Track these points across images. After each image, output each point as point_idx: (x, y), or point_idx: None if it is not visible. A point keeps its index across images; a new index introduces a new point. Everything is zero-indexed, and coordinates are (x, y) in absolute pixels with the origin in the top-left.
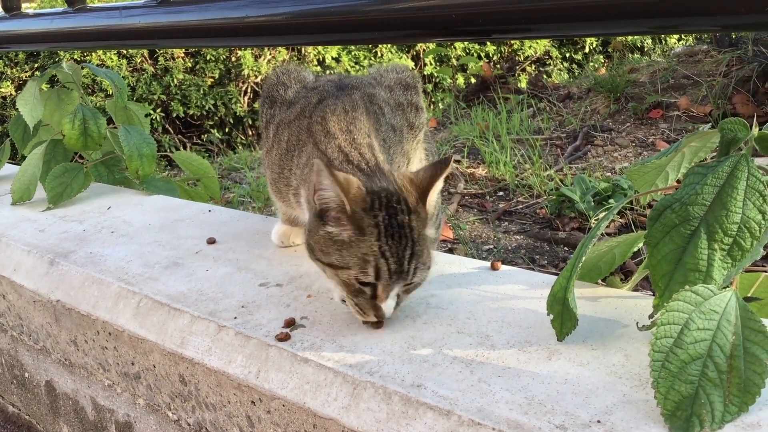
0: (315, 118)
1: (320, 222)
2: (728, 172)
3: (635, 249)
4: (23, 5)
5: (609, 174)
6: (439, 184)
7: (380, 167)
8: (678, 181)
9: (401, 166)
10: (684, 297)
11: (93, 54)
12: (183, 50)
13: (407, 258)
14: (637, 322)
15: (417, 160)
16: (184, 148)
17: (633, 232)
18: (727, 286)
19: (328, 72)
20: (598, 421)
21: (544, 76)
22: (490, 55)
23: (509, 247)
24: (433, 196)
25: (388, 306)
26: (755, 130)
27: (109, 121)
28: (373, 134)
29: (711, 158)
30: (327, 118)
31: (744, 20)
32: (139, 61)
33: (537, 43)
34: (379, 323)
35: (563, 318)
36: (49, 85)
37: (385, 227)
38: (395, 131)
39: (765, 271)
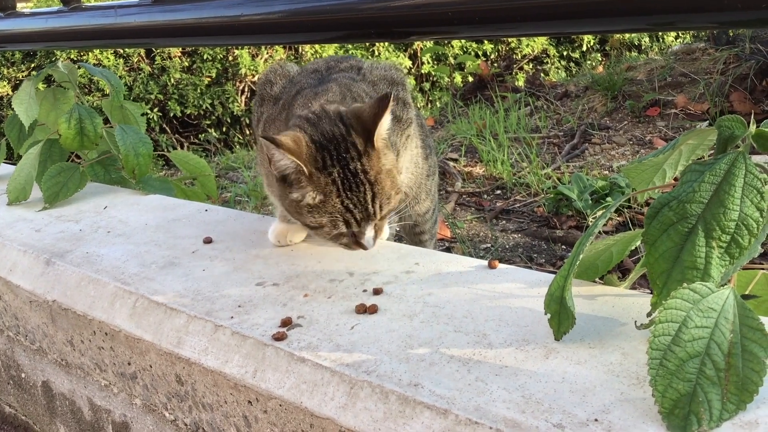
0: (291, 110)
1: (285, 186)
2: (726, 169)
3: (632, 247)
4: (19, 4)
5: (606, 172)
6: (386, 120)
7: (326, 110)
8: (675, 179)
9: None
10: (682, 295)
11: (89, 53)
12: (180, 49)
13: (370, 201)
14: (635, 321)
15: (409, 154)
16: (182, 147)
17: (630, 230)
18: (725, 284)
19: None
20: (596, 420)
21: (542, 75)
22: (488, 54)
23: (507, 246)
24: (382, 129)
25: (367, 240)
26: (752, 128)
27: (106, 120)
28: (333, 103)
29: (709, 156)
30: (297, 103)
31: (741, 17)
32: (135, 60)
33: (534, 41)
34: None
35: (561, 317)
36: (45, 85)
37: (342, 181)
38: None
39: (763, 269)
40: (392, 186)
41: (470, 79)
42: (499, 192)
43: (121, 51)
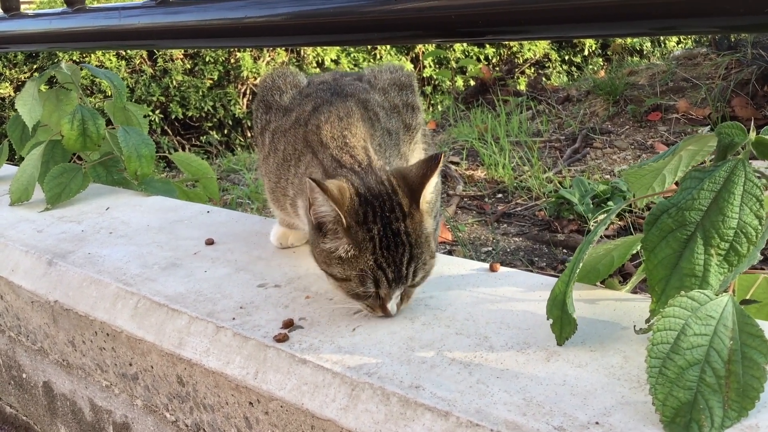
0: (310, 127)
1: (319, 234)
2: (725, 177)
3: (633, 251)
4: (22, 6)
5: (608, 176)
6: (433, 181)
7: (372, 167)
8: (676, 184)
9: None
10: (680, 303)
11: (92, 55)
12: (182, 52)
13: (405, 264)
14: (635, 325)
15: (414, 160)
16: (183, 149)
17: (632, 234)
18: (724, 291)
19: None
20: (597, 423)
21: (543, 79)
22: (489, 58)
23: (508, 249)
24: (428, 192)
25: (392, 306)
26: (752, 135)
27: (108, 122)
28: (368, 139)
29: (710, 161)
30: (321, 126)
31: (742, 21)
32: (138, 62)
33: (536, 45)
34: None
35: (563, 322)
36: (47, 87)
37: (380, 239)
38: (391, 135)
39: (764, 274)
40: (429, 251)
41: (472, 82)
42: (500, 195)
43: (124, 53)
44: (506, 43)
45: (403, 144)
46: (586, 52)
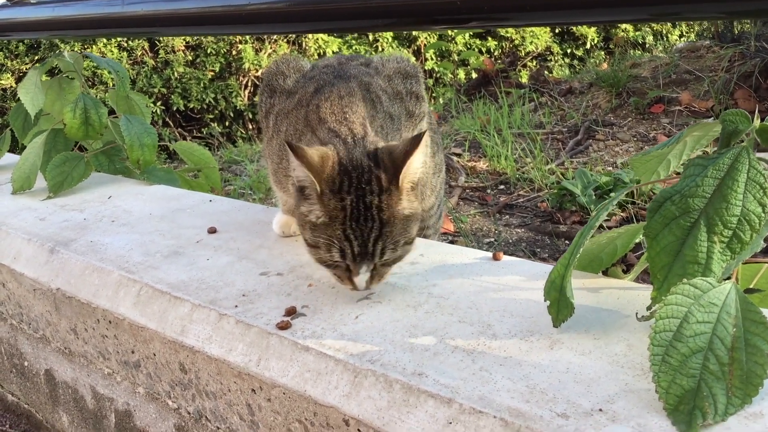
0: (311, 107)
1: (300, 197)
2: (729, 164)
3: (637, 240)
4: None
5: (610, 168)
6: (415, 159)
7: (365, 140)
8: (677, 174)
9: None
10: (682, 290)
11: (93, 47)
12: (183, 44)
13: (372, 240)
14: (637, 313)
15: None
16: (185, 141)
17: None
18: (727, 279)
19: None
20: (600, 410)
21: (546, 72)
22: (492, 51)
23: (510, 241)
24: (410, 170)
25: (359, 280)
26: (756, 122)
27: (111, 111)
28: (368, 118)
29: (713, 151)
30: (321, 105)
31: (747, 6)
32: (139, 53)
33: (538, 38)
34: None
35: (560, 305)
36: (48, 77)
37: (351, 210)
38: (393, 120)
39: (767, 263)
40: (403, 233)
41: (474, 75)
42: (502, 187)
43: (125, 44)
44: (509, 35)
45: (406, 130)
46: (588, 45)
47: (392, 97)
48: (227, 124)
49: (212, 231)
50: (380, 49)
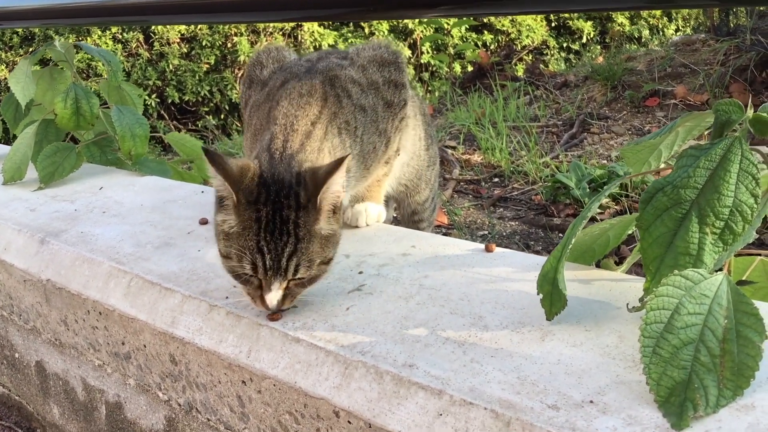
0: (273, 103)
1: (218, 206)
2: (721, 155)
3: (629, 231)
4: None
5: (605, 161)
6: (335, 180)
7: (294, 157)
8: (669, 165)
9: (377, 146)
10: (673, 281)
11: (88, 38)
12: (178, 36)
13: (286, 255)
14: (628, 304)
15: (408, 135)
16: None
17: None
18: (719, 270)
19: None
20: (591, 401)
21: (541, 65)
22: (488, 44)
23: (504, 233)
24: (330, 190)
25: (271, 298)
26: (750, 112)
27: (104, 102)
28: (323, 120)
29: (707, 135)
30: (281, 101)
31: None
32: (134, 45)
33: (535, 32)
34: (274, 315)
35: (552, 298)
36: (40, 67)
37: (266, 222)
38: (366, 112)
39: (760, 255)
40: (320, 253)
41: (470, 68)
42: (497, 180)
43: (120, 36)
44: (505, 29)
45: (383, 121)
46: (584, 39)
47: (366, 88)
48: (222, 116)
49: (204, 222)
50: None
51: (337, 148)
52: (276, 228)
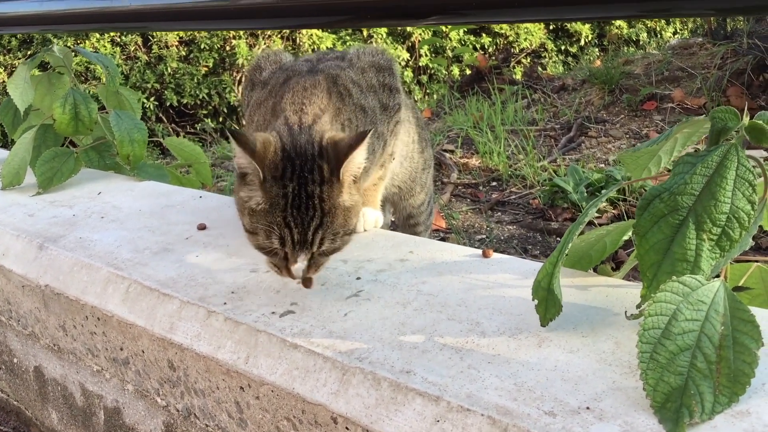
0: (277, 98)
1: (241, 183)
2: (718, 161)
3: (626, 237)
4: None
5: (602, 165)
6: (358, 154)
7: (312, 128)
8: (668, 170)
9: (375, 148)
10: (671, 288)
11: (86, 42)
12: (177, 39)
13: (312, 229)
14: (626, 311)
15: (401, 142)
16: (178, 137)
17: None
18: (716, 276)
19: None
20: (588, 408)
21: (539, 68)
22: (486, 47)
23: (502, 237)
24: (352, 164)
25: (297, 268)
26: (746, 119)
27: (102, 107)
28: (329, 112)
29: (704, 141)
30: (285, 95)
31: (738, 3)
32: (132, 49)
33: (533, 35)
34: (305, 282)
35: (548, 304)
36: (42, 71)
37: (293, 198)
38: (366, 112)
39: (757, 262)
40: (344, 225)
41: (468, 71)
42: (494, 184)
43: (118, 39)
44: (503, 32)
45: (381, 123)
46: (582, 42)
47: (365, 90)
48: (221, 119)
49: (202, 227)
50: (374, 45)
51: None
52: (302, 203)
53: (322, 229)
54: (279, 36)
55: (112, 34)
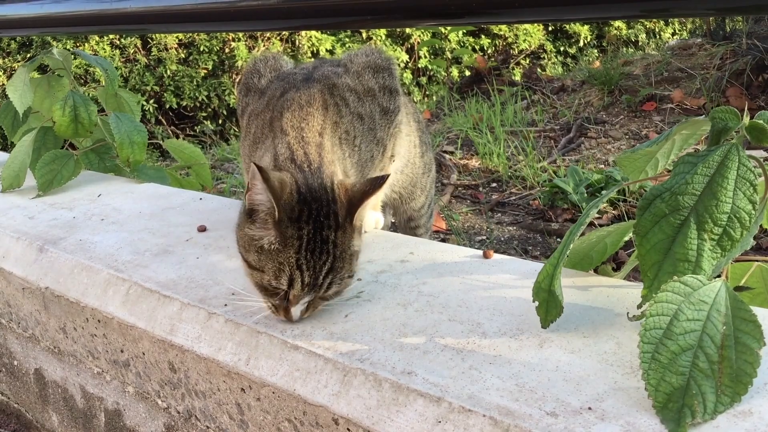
0: (275, 113)
1: (248, 220)
2: (719, 161)
3: (626, 238)
4: None
5: (602, 166)
6: (372, 201)
7: (322, 170)
8: (668, 171)
9: (374, 154)
10: (673, 288)
11: (86, 44)
12: (176, 41)
13: (324, 273)
14: (628, 312)
15: (403, 145)
16: (177, 139)
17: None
18: (718, 276)
19: None
20: (590, 408)
21: (539, 69)
22: (485, 48)
23: (502, 238)
24: (365, 210)
25: (296, 311)
26: (746, 119)
27: (102, 110)
28: (327, 130)
29: (704, 141)
30: (283, 112)
31: (737, 3)
32: (131, 51)
33: (532, 36)
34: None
35: (548, 305)
36: (41, 73)
37: (308, 241)
38: (363, 120)
39: (757, 261)
40: (349, 270)
41: (467, 72)
42: (494, 185)
43: (117, 42)
44: (502, 33)
45: (380, 129)
46: (581, 43)
47: (363, 96)
48: (220, 121)
49: (202, 229)
50: (373, 46)
51: (340, 158)
52: (316, 246)
53: (332, 273)
54: (278, 38)
55: (111, 36)
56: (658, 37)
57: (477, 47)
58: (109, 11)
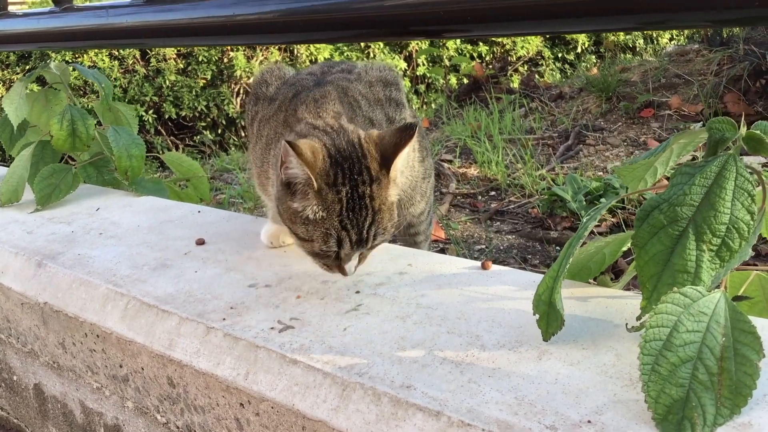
0: (289, 111)
1: (287, 192)
2: (716, 172)
3: (625, 248)
4: (15, 6)
5: (601, 173)
6: (405, 151)
7: (344, 128)
8: (667, 179)
9: None
10: (672, 299)
11: (84, 56)
12: (175, 51)
13: (367, 227)
14: (627, 323)
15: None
16: (177, 149)
17: (624, 231)
18: (717, 287)
19: None
20: (589, 421)
21: (537, 76)
22: (483, 56)
23: (501, 247)
24: (400, 161)
25: (350, 266)
26: (743, 130)
27: (99, 122)
28: (343, 114)
29: (701, 157)
30: (297, 108)
31: (732, 15)
32: (130, 62)
33: (529, 43)
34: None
35: (549, 318)
36: (40, 86)
37: (347, 201)
38: (374, 124)
39: (756, 270)
40: (390, 219)
41: (465, 80)
42: (493, 193)
43: (116, 53)
44: (499, 40)
45: None
46: (579, 50)
47: (373, 103)
48: (219, 131)
49: (200, 242)
50: (372, 55)
51: None
52: (355, 204)
53: (374, 226)
54: (277, 48)
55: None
56: (655, 43)
57: (475, 54)
58: (106, 26)
